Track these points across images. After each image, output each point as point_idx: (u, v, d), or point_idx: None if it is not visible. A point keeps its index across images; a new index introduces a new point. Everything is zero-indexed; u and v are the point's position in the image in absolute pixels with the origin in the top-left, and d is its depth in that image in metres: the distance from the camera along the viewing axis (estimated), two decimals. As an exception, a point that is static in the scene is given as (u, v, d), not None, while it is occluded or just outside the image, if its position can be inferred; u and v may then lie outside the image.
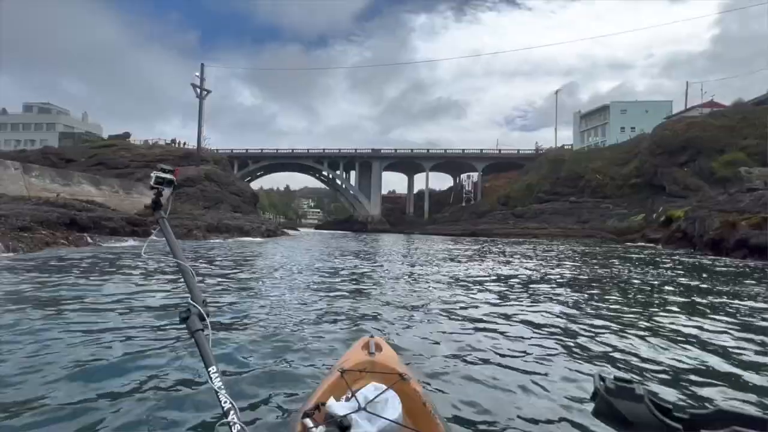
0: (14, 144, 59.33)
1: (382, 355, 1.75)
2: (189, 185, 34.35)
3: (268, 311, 4.35)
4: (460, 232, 45.26)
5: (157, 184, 1.36)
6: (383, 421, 1.20)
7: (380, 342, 1.87)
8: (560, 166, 51.78)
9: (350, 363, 1.64)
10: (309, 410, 1.27)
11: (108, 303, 4.37)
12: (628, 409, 0.52)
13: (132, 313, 3.95)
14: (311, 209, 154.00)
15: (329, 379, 1.55)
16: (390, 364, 1.65)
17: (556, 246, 21.50)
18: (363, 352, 1.76)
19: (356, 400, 1.27)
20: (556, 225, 37.35)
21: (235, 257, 10.92)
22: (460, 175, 77.76)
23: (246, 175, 68.76)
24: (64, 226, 12.19)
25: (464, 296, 5.64)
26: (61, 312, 3.87)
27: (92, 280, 5.93)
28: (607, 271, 9.47)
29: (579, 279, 8.01)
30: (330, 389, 1.46)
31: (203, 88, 39.85)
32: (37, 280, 5.83)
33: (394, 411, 1.24)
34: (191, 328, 1.07)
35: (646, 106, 57.11)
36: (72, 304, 4.26)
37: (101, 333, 3.21)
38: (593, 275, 8.59)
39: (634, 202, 38.36)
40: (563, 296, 5.84)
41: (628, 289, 6.71)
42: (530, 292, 6.18)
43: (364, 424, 1.19)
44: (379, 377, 1.51)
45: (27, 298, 4.49)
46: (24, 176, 18.64)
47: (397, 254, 14.49)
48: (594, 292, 6.26)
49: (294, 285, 6.37)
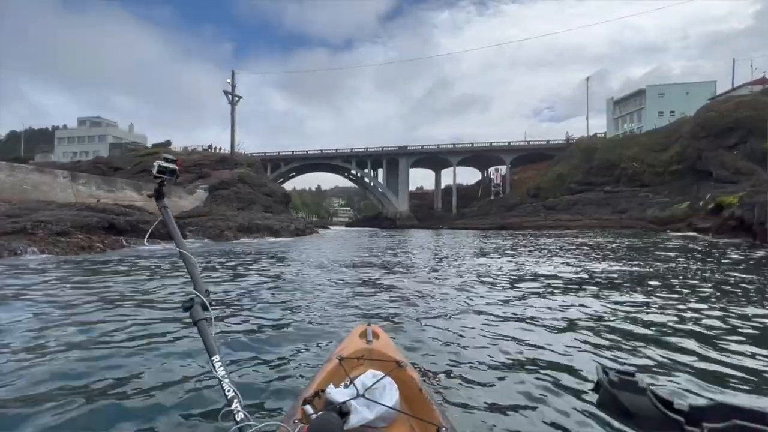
0: (71, 156, 64.51)
1: (379, 342, 1.78)
2: (224, 188, 36.04)
3: (278, 302, 4.60)
4: (489, 225, 44.56)
5: (160, 173, 1.34)
6: (381, 407, 1.23)
7: (377, 330, 1.90)
8: (593, 155, 49.61)
9: (348, 351, 1.67)
10: (309, 397, 1.30)
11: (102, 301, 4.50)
12: (631, 401, 0.53)
13: (130, 309, 4.10)
14: (342, 207, 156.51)
15: (328, 366, 1.58)
16: (387, 352, 1.67)
17: (593, 238, 20.74)
18: (361, 340, 1.79)
19: (355, 387, 1.30)
20: (590, 216, 35.86)
21: (261, 254, 11.51)
22: (487, 168, 76.35)
23: (279, 177, 70.98)
24: (103, 230, 13.28)
25: (494, 294, 5.17)
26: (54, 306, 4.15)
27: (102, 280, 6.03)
28: (665, 266, 8.12)
29: (631, 275, 6.97)
30: (329, 376, 1.49)
31: (234, 94, 41.54)
32: (52, 278, 6.16)
33: (391, 397, 1.27)
34: (194, 318, 1.09)
35: (687, 88, 53.48)
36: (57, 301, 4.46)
37: (107, 327, 3.39)
38: (649, 271, 7.46)
39: (676, 190, 36.18)
40: (621, 293, 5.15)
41: (697, 288, 5.67)
42: (578, 291, 5.44)
43: (362, 410, 1.21)
44: (377, 364, 1.54)
45: (30, 297, 4.70)
46: (72, 184, 20.47)
47: (425, 249, 14.61)
48: (657, 293, 5.18)
49: (312, 280, 6.43)
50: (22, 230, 10.47)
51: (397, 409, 1.25)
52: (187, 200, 30.97)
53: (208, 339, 1.05)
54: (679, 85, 54.86)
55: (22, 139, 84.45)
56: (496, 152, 67.62)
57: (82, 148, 65.08)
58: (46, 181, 19.46)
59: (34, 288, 5.26)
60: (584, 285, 5.93)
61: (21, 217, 12.47)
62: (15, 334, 3.19)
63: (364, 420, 1.20)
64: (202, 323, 1.08)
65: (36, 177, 19.40)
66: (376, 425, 1.22)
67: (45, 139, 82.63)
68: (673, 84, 55.86)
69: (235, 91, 41.47)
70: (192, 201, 31.41)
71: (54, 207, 16.22)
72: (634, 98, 57.82)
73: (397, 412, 1.25)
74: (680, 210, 30.21)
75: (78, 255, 9.75)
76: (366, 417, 1.20)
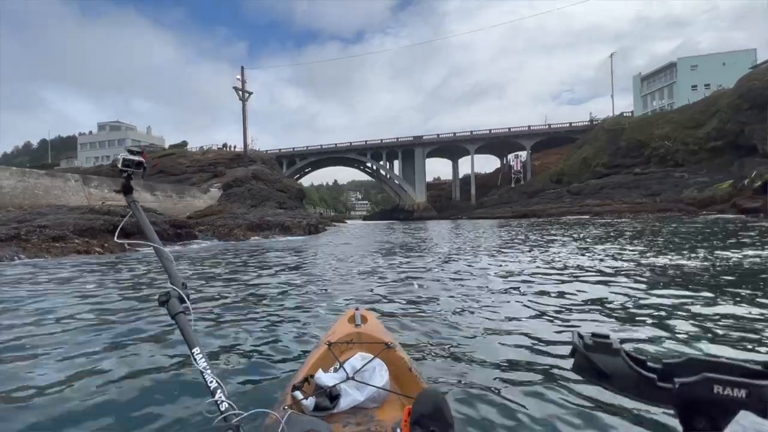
0: (93, 161, 66.23)
1: (368, 326, 1.78)
2: (238, 185, 35.80)
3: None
4: (510, 214, 42.89)
5: (125, 166, 1.28)
6: (371, 389, 1.25)
7: (366, 314, 1.90)
8: (619, 136, 47.05)
9: (337, 336, 1.68)
10: (298, 383, 1.29)
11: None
12: (605, 363, 0.54)
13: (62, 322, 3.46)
14: (359, 201, 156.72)
15: (317, 352, 1.57)
16: (376, 334, 1.68)
17: (631, 224, 18.93)
18: (350, 325, 1.79)
19: (344, 370, 1.32)
20: (620, 200, 33.64)
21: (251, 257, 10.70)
22: (506, 155, 74.23)
23: (294, 173, 71.03)
24: (108, 233, 12.75)
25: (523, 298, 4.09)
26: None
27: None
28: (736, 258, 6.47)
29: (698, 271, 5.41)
30: (318, 362, 1.48)
31: (245, 90, 41.11)
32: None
33: (381, 378, 1.29)
34: (172, 311, 1.06)
35: (723, 59, 49.56)
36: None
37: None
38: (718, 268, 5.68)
39: (716, 168, 33.50)
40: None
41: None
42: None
43: (352, 392, 1.24)
44: (366, 347, 1.56)
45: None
46: (84, 187, 20.29)
47: (445, 243, 13.57)
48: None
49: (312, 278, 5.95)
50: (16, 236, 9.95)
51: (386, 389, 1.28)
52: (201, 199, 30.76)
53: (187, 331, 1.03)
54: (714, 56, 50.80)
55: (49, 146, 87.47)
56: (515, 137, 65.26)
57: (103, 152, 66.60)
58: (57, 186, 19.32)
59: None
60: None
61: (24, 223, 12.10)
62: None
63: (355, 402, 1.22)
64: (180, 316, 1.06)
65: (47, 182, 19.26)
66: (366, 406, 1.25)
67: (71, 146, 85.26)
68: (706, 55, 51.68)
69: (245, 87, 41.00)
70: (206, 200, 31.18)
71: (65, 211, 15.92)
72: (663, 73, 54.17)
73: (387, 392, 1.28)
74: (722, 189, 27.82)
75: (68, 258, 9.13)
76: (356, 399, 1.23)
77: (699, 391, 0.50)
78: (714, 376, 0.49)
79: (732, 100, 35.41)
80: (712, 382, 0.49)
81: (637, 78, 58.68)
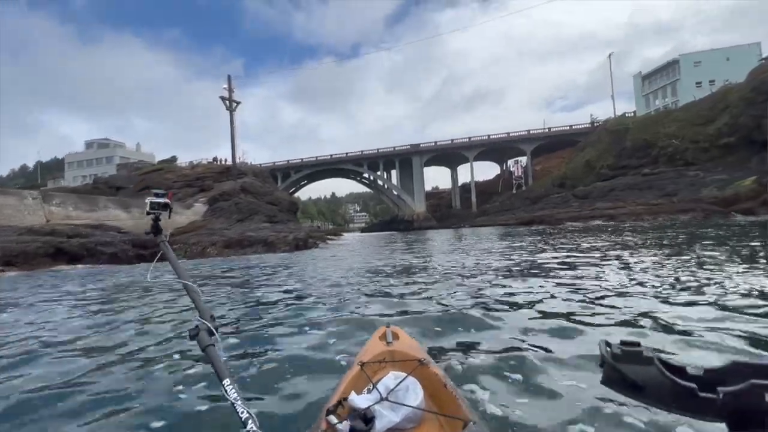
0: (81, 180, 64.15)
1: (400, 343, 1.75)
2: (225, 199, 33.73)
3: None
4: (514, 221, 40.73)
5: (153, 209, 1.39)
6: (406, 409, 1.21)
7: (397, 330, 1.87)
8: (624, 137, 45.37)
9: (369, 355, 1.65)
10: (332, 407, 1.26)
11: None
12: (638, 373, 0.49)
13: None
14: (357, 213, 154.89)
15: (350, 373, 1.55)
16: (408, 351, 1.65)
17: (660, 229, 16.60)
18: (381, 343, 1.76)
19: (377, 390, 1.28)
20: (634, 201, 31.52)
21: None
22: (506, 161, 72.63)
23: (290, 186, 69.13)
24: (48, 257, 10.56)
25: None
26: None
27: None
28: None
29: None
30: (351, 383, 1.46)
31: (232, 100, 39.38)
32: None
33: (416, 397, 1.25)
34: (202, 344, 1.09)
35: (726, 53, 48.18)
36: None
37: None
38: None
39: (733, 165, 31.50)
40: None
41: None
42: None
43: (387, 413, 1.20)
44: (399, 365, 1.53)
45: None
46: (44, 205, 18.10)
47: (453, 258, 11.40)
48: None
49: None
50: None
51: (422, 408, 1.24)
52: (184, 215, 28.56)
53: (218, 363, 1.05)
54: (717, 51, 49.31)
55: (38, 167, 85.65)
56: (514, 142, 63.60)
57: (90, 171, 64.65)
58: (10, 204, 17.13)
59: None
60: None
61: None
62: None
63: (391, 423, 1.18)
64: (210, 348, 1.08)
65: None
66: (403, 427, 1.21)
67: (61, 167, 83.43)
68: (709, 50, 50.24)
69: (233, 97, 39.25)
70: (189, 216, 28.98)
71: (9, 233, 13.71)
72: (665, 70, 52.72)
73: (423, 412, 1.24)
74: (745, 187, 25.77)
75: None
76: (392, 420, 1.19)
77: (748, 401, 0.44)
78: (763, 382, 0.43)
79: (744, 93, 33.67)
80: (762, 390, 0.43)
81: (638, 77, 57.30)
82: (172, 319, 4.20)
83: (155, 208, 1.36)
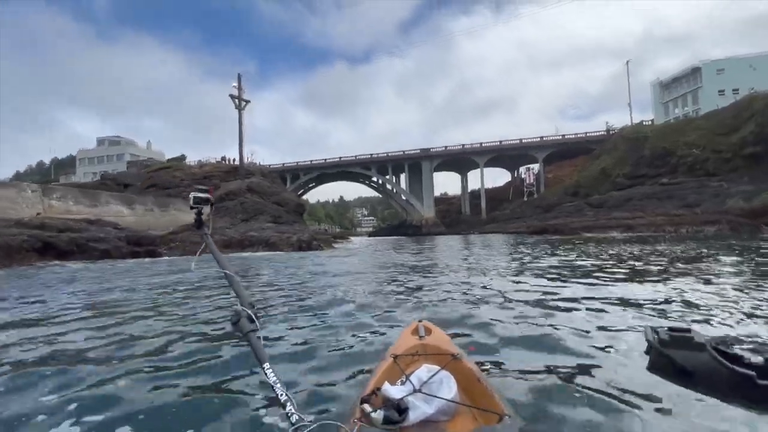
0: (92, 176, 64.57)
1: (432, 337, 1.76)
2: (230, 199, 33.26)
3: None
4: (525, 229, 39.50)
5: (196, 204, 1.47)
6: (439, 401, 1.21)
7: (429, 325, 1.88)
8: (642, 145, 43.95)
9: (402, 348, 1.65)
10: (366, 396, 1.27)
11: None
12: (688, 359, 0.46)
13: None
14: (365, 218, 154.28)
15: (383, 365, 1.56)
16: (441, 345, 1.66)
17: (697, 240, 15.24)
18: (413, 337, 1.76)
19: (411, 382, 1.29)
20: (654, 212, 30.19)
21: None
22: (517, 168, 71.28)
23: (299, 188, 68.82)
24: (34, 252, 9.92)
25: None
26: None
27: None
28: None
29: None
30: (385, 374, 1.46)
31: (242, 99, 39.05)
32: None
33: (449, 390, 1.26)
34: (243, 330, 1.12)
35: (752, 62, 46.49)
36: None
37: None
38: None
39: (759, 176, 30.04)
40: None
41: None
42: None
43: (421, 404, 1.20)
44: (432, 359, 1.53)
45: None
46: (43, 199, 17.64)
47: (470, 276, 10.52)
48: None
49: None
50: None
51: (456, 401, 1.24)
52: (189, 213, 28.07)
53: (258, 348, 1.09)
54: (742, 59, 47.63)
55: (51, 164, 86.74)
56: (526, 149, 62.39)
57: (102, 168, 65.04)
58: (7, 196, 16.69)
59: None
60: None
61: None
62: None
63: (424, 415, 1.18)
64: (251, 335, 1.12)
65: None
66: (437, 419, 1.21)
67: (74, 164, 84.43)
68: (733, 58, 48.60)
69: (242, 96, 38.93)
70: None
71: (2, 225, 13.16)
72: (686, 78, 51.08)
73: (457, 404, 1.24)
74: (774, 198, 24.41)
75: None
76: (425, 411, 1.19)
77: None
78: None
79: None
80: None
81: (656, 85, 55.75)
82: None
83: (198, 202, 1.47)
